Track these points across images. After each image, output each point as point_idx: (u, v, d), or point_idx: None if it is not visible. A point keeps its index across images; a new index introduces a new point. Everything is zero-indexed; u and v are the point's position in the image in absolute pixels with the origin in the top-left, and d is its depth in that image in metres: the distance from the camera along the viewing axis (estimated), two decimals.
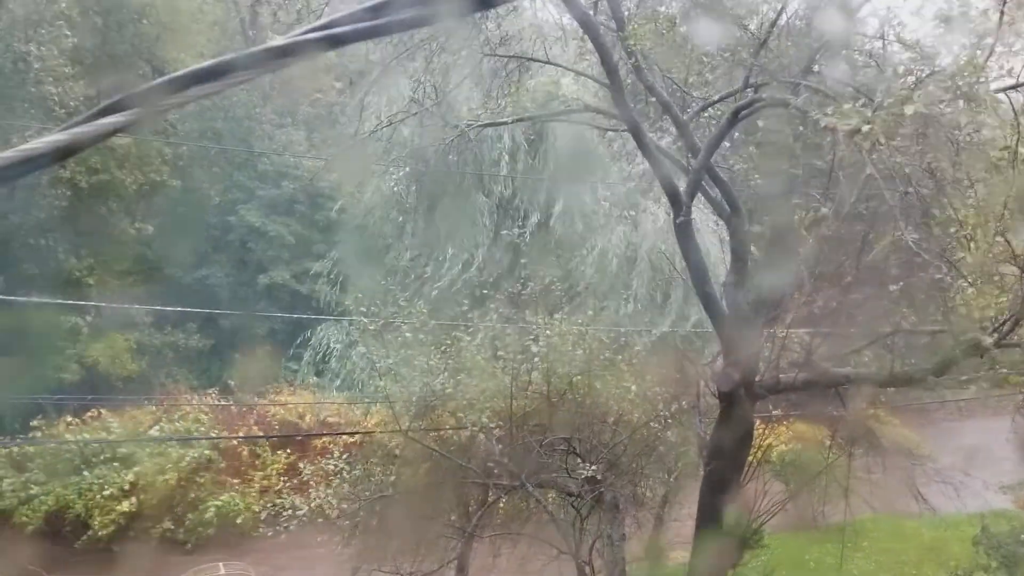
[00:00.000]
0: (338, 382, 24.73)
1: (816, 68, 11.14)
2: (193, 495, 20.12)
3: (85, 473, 18.88)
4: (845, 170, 8.54)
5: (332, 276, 26.90)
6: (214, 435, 21.03)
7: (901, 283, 10.04)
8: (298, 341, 25.88)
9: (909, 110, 6.96)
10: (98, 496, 18.66)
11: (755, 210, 13.08)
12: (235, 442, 21.18)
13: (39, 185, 19.43)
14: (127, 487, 18.91)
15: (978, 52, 7.64)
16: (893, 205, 8.21)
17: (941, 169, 8.59)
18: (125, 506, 18.80)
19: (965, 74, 7.26)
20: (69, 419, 19.70)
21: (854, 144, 7.26)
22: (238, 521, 20.13)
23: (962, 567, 14.86)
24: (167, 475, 19.35)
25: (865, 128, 6.75)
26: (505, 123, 15.60)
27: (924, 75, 8.09)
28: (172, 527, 19.66)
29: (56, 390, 19.88)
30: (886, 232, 9.70)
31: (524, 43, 13.31)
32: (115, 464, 19.04)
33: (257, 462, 21.44)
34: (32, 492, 18.46)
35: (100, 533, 18.58)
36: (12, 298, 18.22)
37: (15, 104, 19.00)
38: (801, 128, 10.77)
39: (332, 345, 25.55)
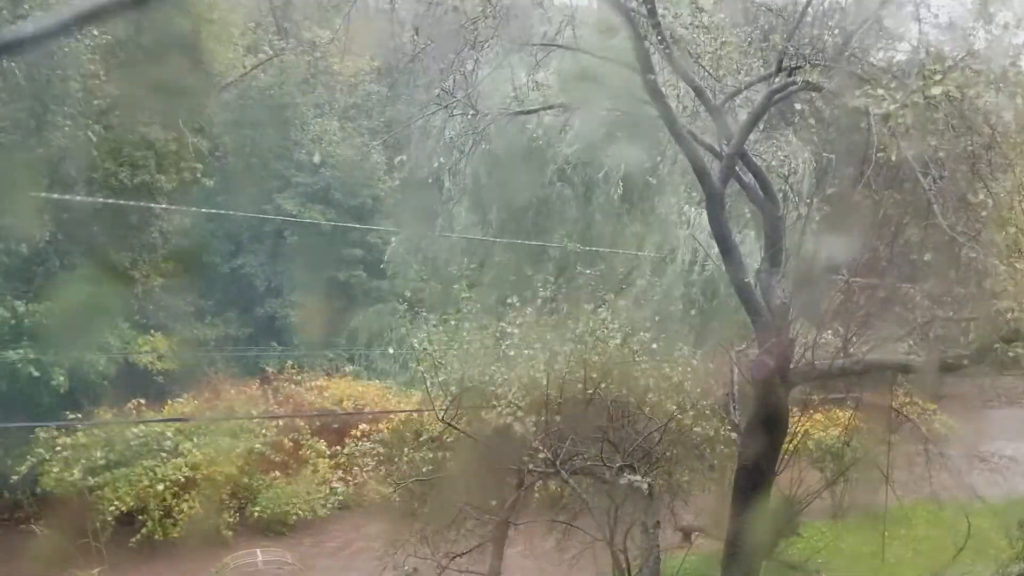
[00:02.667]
0: (375, 368, 25.03)
1: (849, 52, 10.96)
2: (244, 483, 20.64)
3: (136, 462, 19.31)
4: (879, 153, 8.39)
5: (368, 263, 27.20)
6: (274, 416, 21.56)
7: (938, 269, 9.89)
8: (333, 328, 26.16)
9: (936, 90, 6.81)
10: (150, 485, 19.12)
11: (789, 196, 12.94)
12: (278, 432, 21.57)
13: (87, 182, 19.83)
14: (178, 477, 19.37)
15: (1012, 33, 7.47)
16: (928, 189, 8.07)
17: (976, 153, 8.42)
18: (173, 495, 19.27)
19: (1001, 59, 7.10)
20: (111, 411, 20.16)
21: (887, 129, 7.13)
22: (285, 508, 20.65)
23: (1002, 556, 14.65)
24: (219, 466, 19.80)
25: (897, 111, 6.62)
26: (536, 111, 15.53)
27: (958, 57, 7.91)
28: (224, 515, 20.20)
29: (97, 381, 20.27)
30: (919, 217, 9.55)
31: (553, 29, 13.23)
32: (163, 455, 19.47)
33: (300, 452, 21.84)
34: (87, 481, 18.89)
35: (152, 523, 19.03)
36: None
37: (46, 99, 19.29)
38: (836, 111, 10.61)
39: (370, 332, 25.82)
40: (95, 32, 18.17)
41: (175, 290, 22.63)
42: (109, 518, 18.37)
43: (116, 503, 18.51)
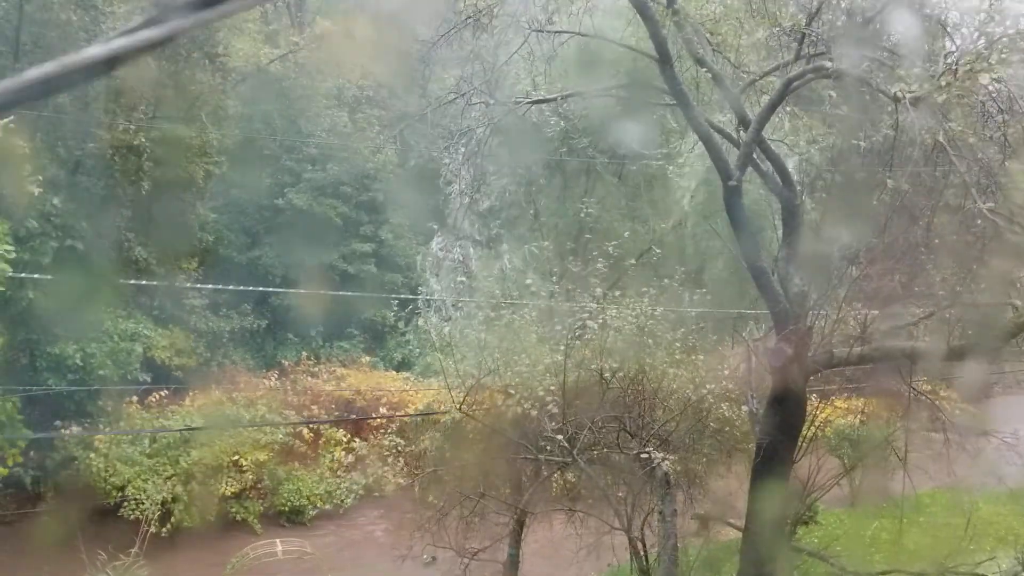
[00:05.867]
0: (391, 359, 25.15)
1: (873, 35, 10.94)
2: (266, 472, 20.90)
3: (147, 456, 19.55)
4: (907, 139, 8.36)
5: (380, 256, 27.30)
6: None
7: (961, 254, 9.87)
8: (349, 320, 26.29)
9: (985, 79, 6.75)
10: (174, 475, 19.38)
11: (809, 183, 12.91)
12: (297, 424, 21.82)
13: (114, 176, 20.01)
14: (203, 465, 19.64)
15: None
16: (964, 172, 8.02)
17: (1015, 136, 8.37)
18: (199, 484, 19.54)
19: None
20: (135, 404, 20.36)
21: (921, 112, 7.09)
22: (305, 498, 20.89)
23: (1022, 542, 14.64)
24: (242, 456, 20.08)
25: (932, 94, 6.57)
26: (553, 99, 15.54)
27: (996, 38, 7.83)
28: (246, 504, 20.45)
29: (119, 376, 20.41)
30: (951, 202, 9.51)
31: (573, 18, 13.25)
32: (187, 445, 19.79)
33: (320, 441, 22.08)
34: (119, 473, 19.15)
35: (179, 511, 19.27)
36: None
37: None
38: (867, 97, 10.56)
39: (384, 323, 25.95)
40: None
41: (194, 283, 22.76)
42: (139, 507, 18.67)
43: (145, 492, 18.81)
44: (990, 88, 7.60)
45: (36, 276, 17.73)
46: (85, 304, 19.23)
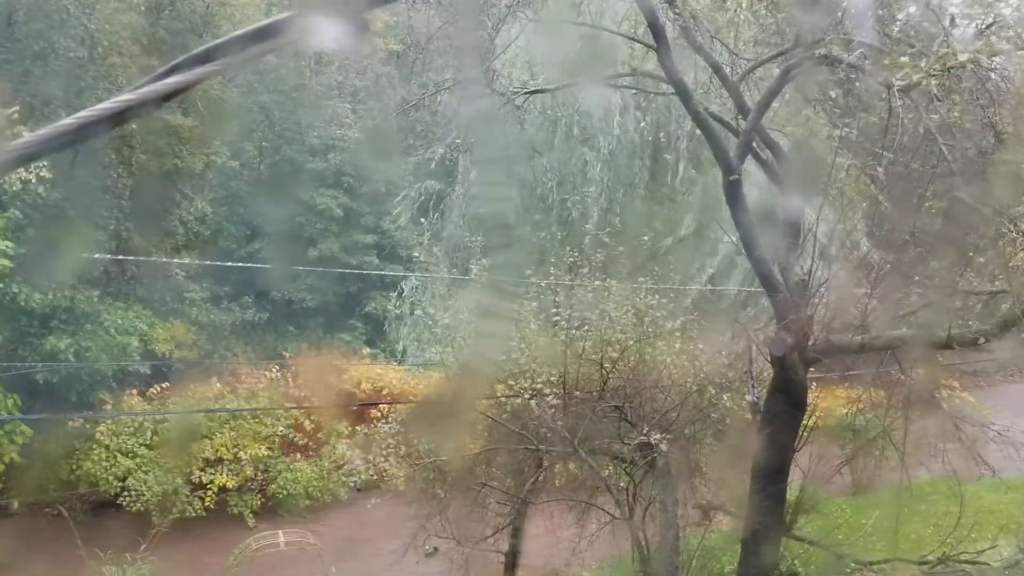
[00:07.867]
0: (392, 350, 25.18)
1: (869, 23, 10.86)
2: (267, 465, 20.95)
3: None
4: (900, 127, 8.29)
5: (381, 247, 27.29)
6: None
7: (959, 242, 9.82)
8: (350, 312, 26.28)
9: (963, 57, 6.71)
10: (176, 467, 19.49)
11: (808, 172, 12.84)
12: (298, 416, 21.88)
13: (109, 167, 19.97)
14: (206, 457, 19.74)
15: None
16: (951, 161, 7.99)
17: (1003, 123, 8.32)
18: (201, 471, 19.64)
19: None
20: (136, 396, 20.40)
21: (910, 99, 7.06)
22: (306, 489, 21.00)
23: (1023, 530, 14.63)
24: (244, 448, 20.15)
25: (922, 81, 6.54)
26: (551, 89, 15.47)
27: (984, 24, 7.80)
28: (247, 496, 20.54)
29: (115, 370, 20.43)
30: (942, 190, 9.46)
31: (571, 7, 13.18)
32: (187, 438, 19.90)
33: (320, 434, 22.14)
34: (120, 465, 19.22)
35: (181, 503, 19.36)
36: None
37: (83, 78, 19.58)
38: (859, 84, 10.50)
39: (385, 315, 25.96)
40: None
41: (193, 276, 22.77)
42: (142, 499, 18.73)
43: (148, 485, 18.88)
44: (981, 76, 7.56)
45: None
46: (72, 295, 19.21)
